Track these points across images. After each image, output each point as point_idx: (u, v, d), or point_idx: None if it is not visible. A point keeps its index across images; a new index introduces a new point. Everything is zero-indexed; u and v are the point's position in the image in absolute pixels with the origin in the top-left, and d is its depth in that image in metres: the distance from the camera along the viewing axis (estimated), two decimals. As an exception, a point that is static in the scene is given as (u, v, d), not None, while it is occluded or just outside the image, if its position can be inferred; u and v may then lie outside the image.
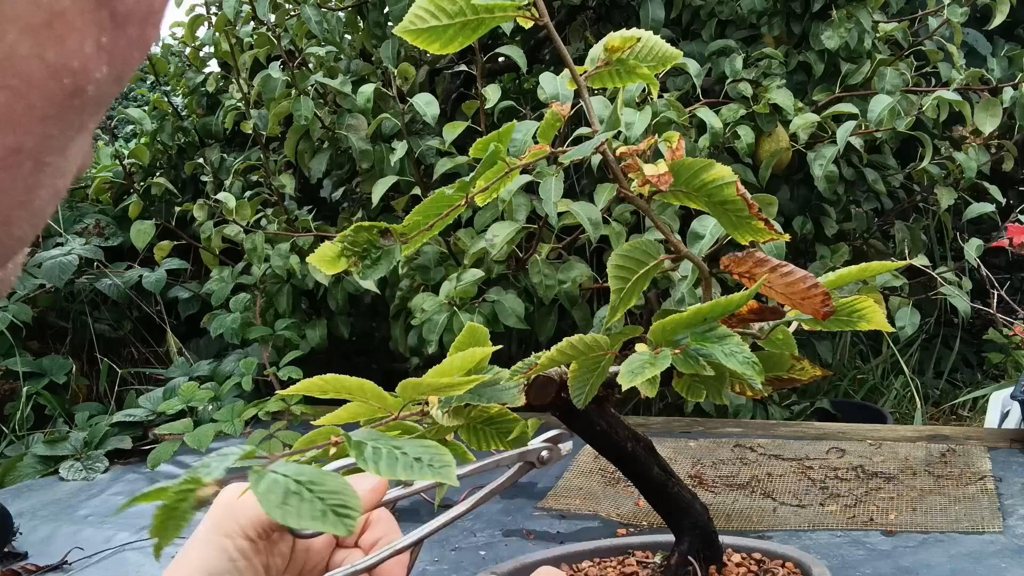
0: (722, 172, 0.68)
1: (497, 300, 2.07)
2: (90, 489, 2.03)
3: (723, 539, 0.93)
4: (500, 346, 0.66)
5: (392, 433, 0.62)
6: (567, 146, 0.67)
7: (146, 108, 3.07)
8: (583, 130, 1.89)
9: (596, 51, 0.70)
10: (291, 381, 2.16)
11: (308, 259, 0.68)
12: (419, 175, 2.18)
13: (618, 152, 0.71)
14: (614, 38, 0.68)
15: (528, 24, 0.64)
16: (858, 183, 2.36)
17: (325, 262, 0.66)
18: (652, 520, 1.52)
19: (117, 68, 0.23)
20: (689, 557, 0.86)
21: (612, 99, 1.95)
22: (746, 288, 0.66)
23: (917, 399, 2.50)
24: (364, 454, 0.49)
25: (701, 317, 0.63)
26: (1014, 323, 2.38)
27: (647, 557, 0.96)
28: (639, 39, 0.67)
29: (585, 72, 0.69)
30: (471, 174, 0.69)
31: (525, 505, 1.76)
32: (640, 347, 0.65)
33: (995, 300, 2.10)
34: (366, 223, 0.66)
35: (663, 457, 0.89)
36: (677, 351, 0.62)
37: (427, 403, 0.66)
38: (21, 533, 1.74)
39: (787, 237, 0.71)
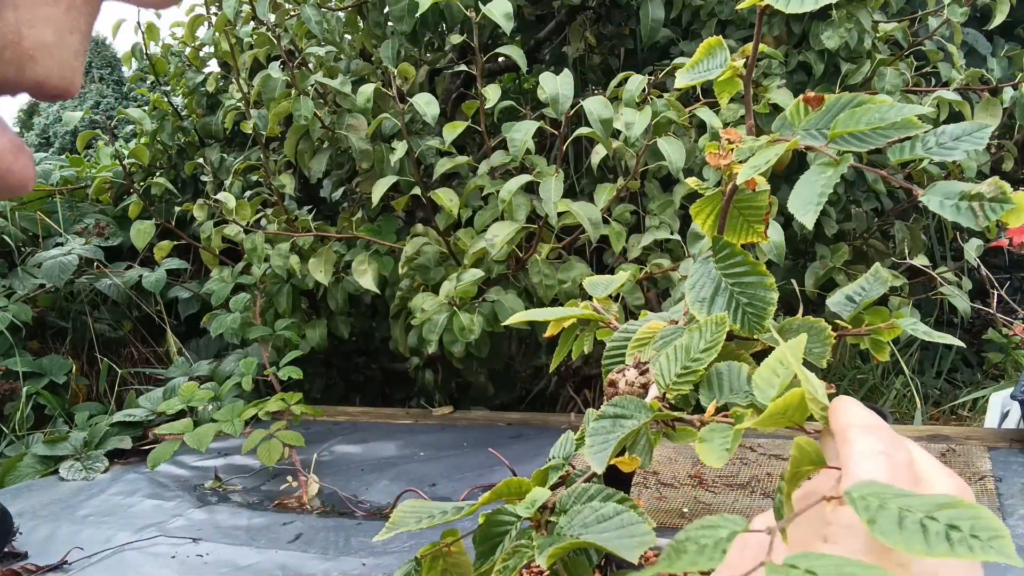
0: (760, 180, 0.68)
1: (497, 300, 2.07)
2: (90, 489, 2.03)
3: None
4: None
5: None
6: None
7: (146, 108, 3.07)
8: (583, 130, 1.89)
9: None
10: (291, 381, 2.17)
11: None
12: (419, 175, 2.18)
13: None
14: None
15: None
16: (858, 183, 2.36)
17: None
18: (662, 520, 1.52)
19: None
20: None
21: (613, 99, 1.95)
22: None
23: (917, 399, 2.50)
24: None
25: None
26: (1014, 323, 2.38)
27: None
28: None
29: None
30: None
31: (525, 505, 1.76)
32: None
33: (995, 300, 2.10)
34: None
35: (663, 457, 0.89)
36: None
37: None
38: (21, 533, 1.74)
39: (766, 239, 0.71)
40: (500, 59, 2.42)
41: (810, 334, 0.68)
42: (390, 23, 2.27)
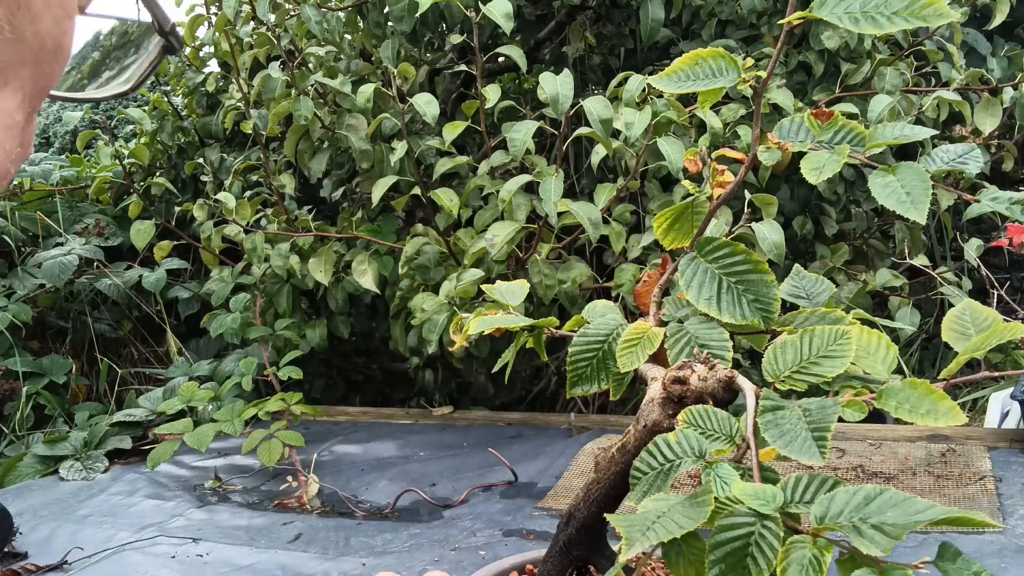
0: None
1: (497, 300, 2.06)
2: (90, 489, 2.03)
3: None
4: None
5: None
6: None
7: (146, 108, 3.07)
8: (583, 130, 1.89)
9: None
10: (291, 381, 2.17)
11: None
12: (419, 175, 2.18)
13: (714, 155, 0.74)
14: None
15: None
16: (858, 183, 2.36)
17: None
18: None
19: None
20: None
21: (613, 99, 1.95)
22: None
23: (917, 399, 2.50)
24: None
25: None
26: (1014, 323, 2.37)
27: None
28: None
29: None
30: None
31: (525, 505, 1.76)
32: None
33: (995, 300, 2.10)
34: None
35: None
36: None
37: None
38: (21, 533, 1.74)
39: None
40: (500, 59, 2.42)
41: (827, 323, 0.71)
42: (390, 23, 2.27)
